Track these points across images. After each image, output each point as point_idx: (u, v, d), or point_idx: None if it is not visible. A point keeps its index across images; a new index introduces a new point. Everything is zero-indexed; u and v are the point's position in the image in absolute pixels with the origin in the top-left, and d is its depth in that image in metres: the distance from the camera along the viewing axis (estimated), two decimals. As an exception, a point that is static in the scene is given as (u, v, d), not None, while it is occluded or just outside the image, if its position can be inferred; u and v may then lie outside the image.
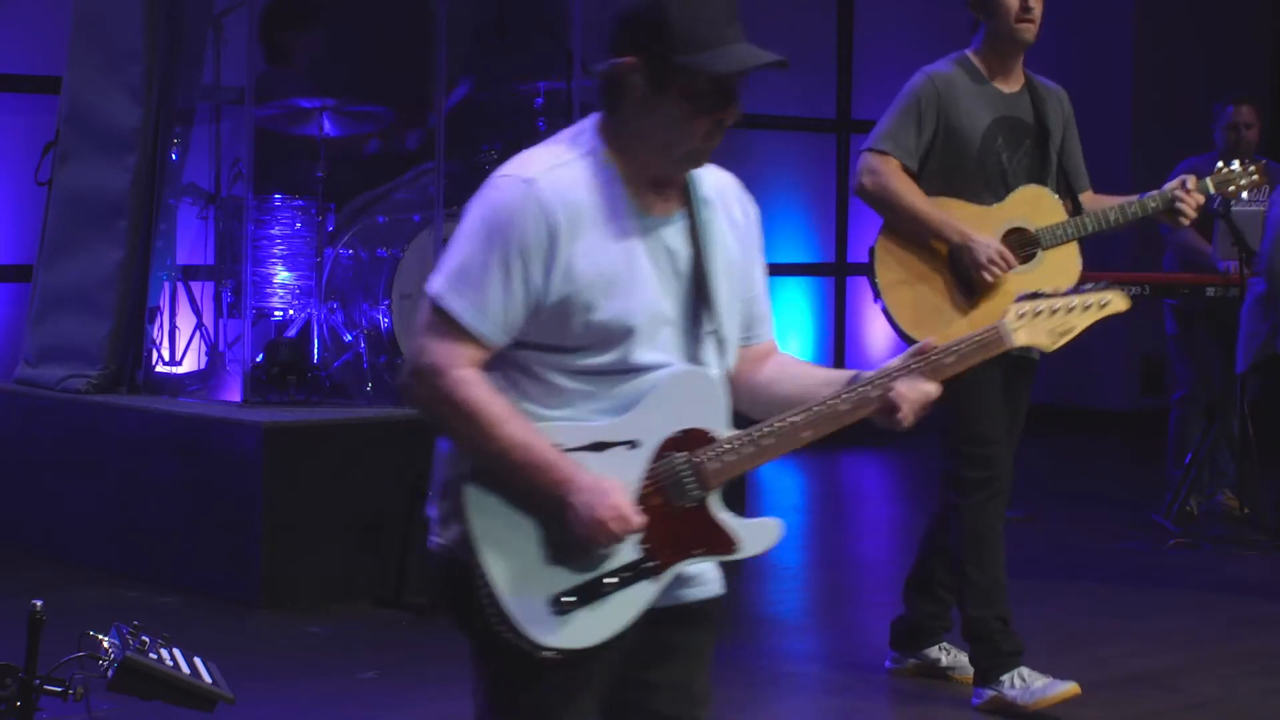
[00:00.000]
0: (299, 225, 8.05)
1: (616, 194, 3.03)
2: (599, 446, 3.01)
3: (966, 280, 5.54)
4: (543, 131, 8.42)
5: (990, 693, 5.66)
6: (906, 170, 5.61)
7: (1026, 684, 5.61)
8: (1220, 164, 5.92)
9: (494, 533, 2.99)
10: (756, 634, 7.00)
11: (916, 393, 3.15)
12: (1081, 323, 3.32)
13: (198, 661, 3.28)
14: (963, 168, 5.62)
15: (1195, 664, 6.35)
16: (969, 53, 5.76)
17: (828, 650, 6.84)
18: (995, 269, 5.49)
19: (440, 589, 3.12)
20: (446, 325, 2.98)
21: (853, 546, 9.14)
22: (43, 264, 8.44)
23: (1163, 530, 8.58)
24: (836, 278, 12.68)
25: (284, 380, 7.72)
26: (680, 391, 3.05)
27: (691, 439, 3.05)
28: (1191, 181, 5.69)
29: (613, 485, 2.97)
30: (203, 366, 8.37)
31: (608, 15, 3.09)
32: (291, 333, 8.12)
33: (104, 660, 3.14)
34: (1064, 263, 5.61)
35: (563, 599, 2.99)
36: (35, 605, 3.15)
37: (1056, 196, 5.68)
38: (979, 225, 5.55)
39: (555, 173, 3.00)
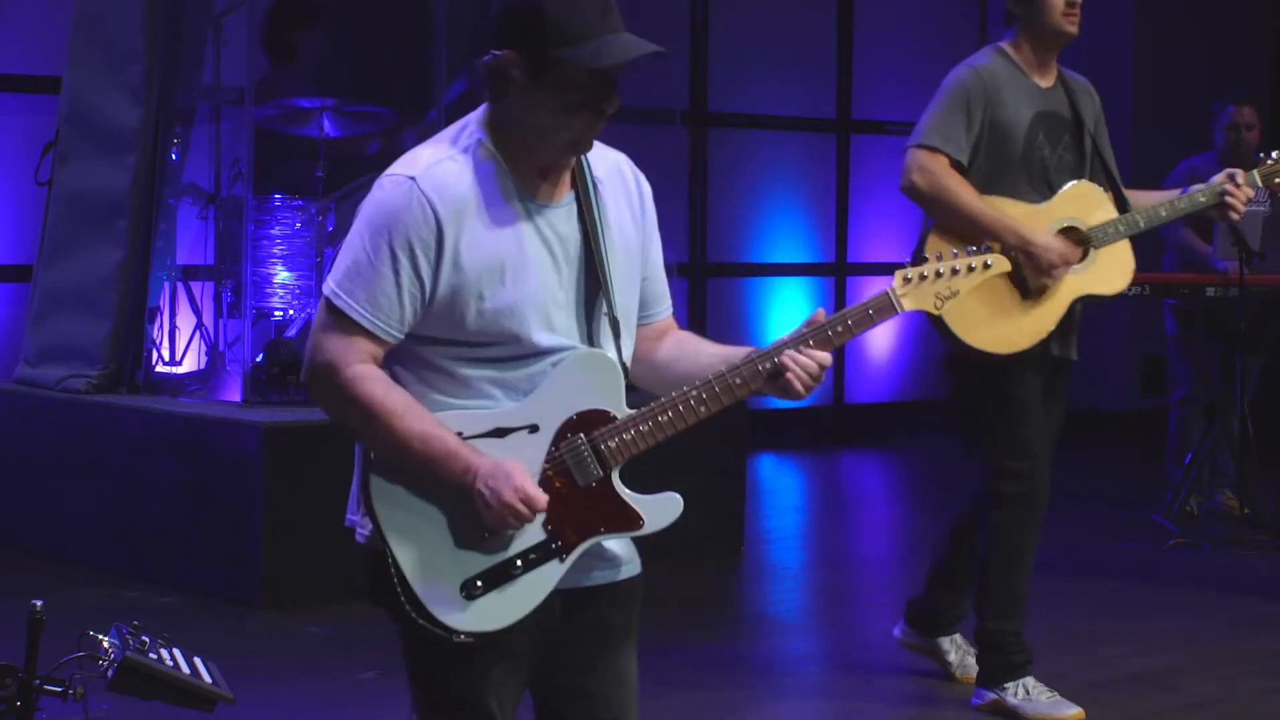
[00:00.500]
0: (299, 225, 8.05)
1: (502, 183, 3.09)
2: (500, 432, 3.09)
3: (1020, 281, 5.39)
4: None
5: (992, 695, 5.65)
6: (956, 166, 5.44)
7: (1030, 696, 5.59)
8: (1263, 155, 5.78)
9: (401, 522, 3.09)
10: (756, 634, 7.01)
11: (809, 360, 3.18)
12: (966, 285, 3.36)
13: (198, 661, 3.28)
14: (1007, 164, 5.48)
15: (1195, 664, 6.35)
16: (1004, 45, 5.60)
17: (828, 650, 6.84)
18: (1058, 273, 5.37)
19: (365, 579, 3.23)
20: (340, 322, 3.07)
21: (853, 546, 9.14)
22: (43, 264, 8.43)
23: (1163, 530, 8.58)
24: (836, 278, 12.68)
25: (284, 380, 7.72)
26: (577, 374, 3.12)
27: (590, 420, 3.12)
28: (1241, 175, 5.58)
29: (515, 467, 3.04)
30: (203, 366, 8.37)
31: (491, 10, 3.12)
32: (291, 333, 8.12)
33: (104, 660, 3.14)
34: (1118, 261, 5.50)
35: (473, 584, 3.08)
36: (35, 605, 3.15)
37: (1104, 193, 5.55)
38: (1031, 224, 5.41)
39: (438, 167, 3.07)
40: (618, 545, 3.24)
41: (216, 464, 7.28)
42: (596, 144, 3.20)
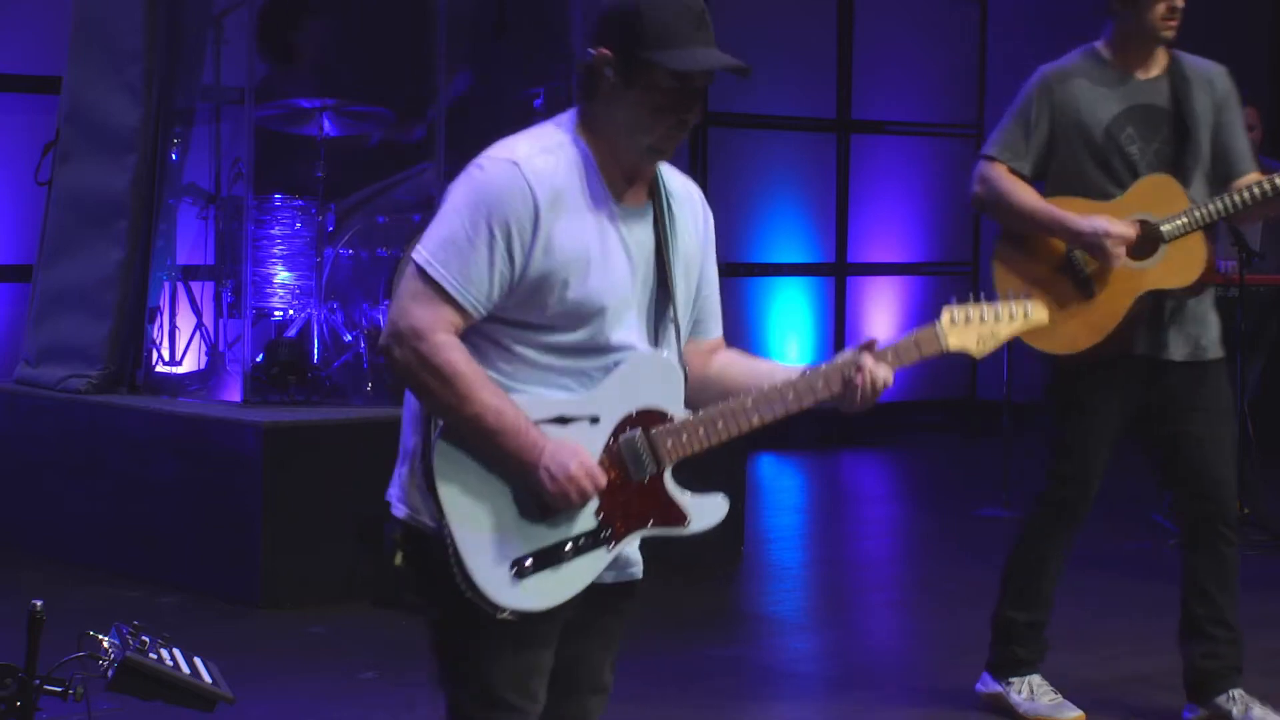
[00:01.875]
0: (299, 225, 8.05)
1: (593, 180, 3.22)
2: (563, 420, 3.20)
3: (1082, 282, 5.35)
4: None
5: (997, 687, 5.65)
6: (1015, 173, 5.43)
7: (1033, 695, 5.58)
8: None
9: (460, 496, 3.16)
10: (756, 634, 7.01)
11: (879, 375, 3.35)
12: (1006, 332, 3.51)
13: (198, 661, 3.28)
14: (1085, 162, 5.42)
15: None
16: (1099, 45, 5.55)
17: (828, 650, 6.84)
18: (1109, 245, 5.25)
19: (402, 555, 3.30)
20: (431, 291, 3.15)
21: (853, 546, 9.14)
22: (43, 264, 8.43)
23: (1163, 530, 8.58)
24: (836, 278, 12.68)
25: (284, 380, 7.71)
26: (642, 373, 3.25)
27: (649, 418, 3.24)
28: None
29: (578, 446, 3.17)
30: (203, 366, 8.37)
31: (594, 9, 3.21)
32: (291, 333, 8.11)
33: (104, 660, 3.14)
34: (1188, 256, 5.37)
35: (523, 562, 3.16)
36: (35, 605, 3.15)
37: (1181, 186, 5.39)
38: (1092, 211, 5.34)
39: (539, 157, 3.19)
40: (633, 547, 3.35)
41: (216, 464, 7.28)
42: (671, 169, 3.36)
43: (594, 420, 3.21)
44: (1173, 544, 8.37)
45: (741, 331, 11.93)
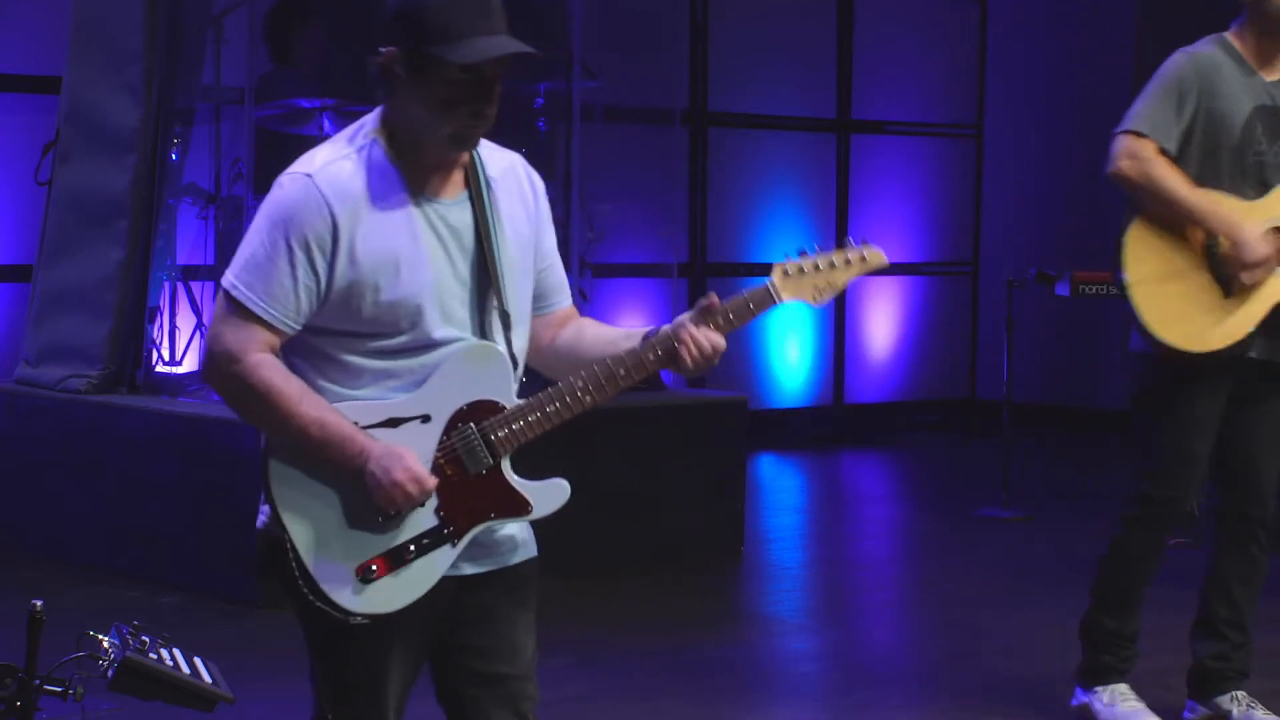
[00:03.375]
0: (299, 225, 8.04)
1: (395, 180, 3.22)
2: (393, 422, 3.20)
3: (1223, 278, 5.23)
4: (543, 131, 8.43)
5: (1085, 697, 5.55)
6: (1164, 154, 5.22)
7: (1114, 703, 5.49)
8: None
9: (298, 506, 3.20)
10: (756, 634, 7.01)
11: (703, 339, 3.29)
12: (842, 279, 3.49)
13: (198, 661, 3.28)
14: (1220, 156, 5.27)
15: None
16: (1228, 35, 5.41)
17: (828, 650, 6.84)
18: (1258, 274, 5.18)
19: (262, 564, 3.31)
20: (239, 313, 3.20)
21: (853, 546, 9.14)
22: (43, 264, 8.43)
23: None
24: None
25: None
26: (467, 365, 3.24)
27: (480, 410, 3.24)
28: None
29: (405, 450, 3.16)
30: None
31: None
32: (291, 333, 8.11)
33: (104, 660, 3.14)
34: None
35: (368, 567, 3.19)
36: (35, 605, 3.15)
37: None
38: (1242, 219, 5.21)
39: (333, 166, 3.20)
40: (513, 530, 3.36)
41: (216, 464, 7.28)
42: (493, 146, 3.35)
43: (425, 419, 3.21)
44: (1173, 544, 8.37)
45: (741, 331, 11.90)
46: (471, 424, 3.23)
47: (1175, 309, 5.24)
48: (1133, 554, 5.53)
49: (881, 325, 12.67)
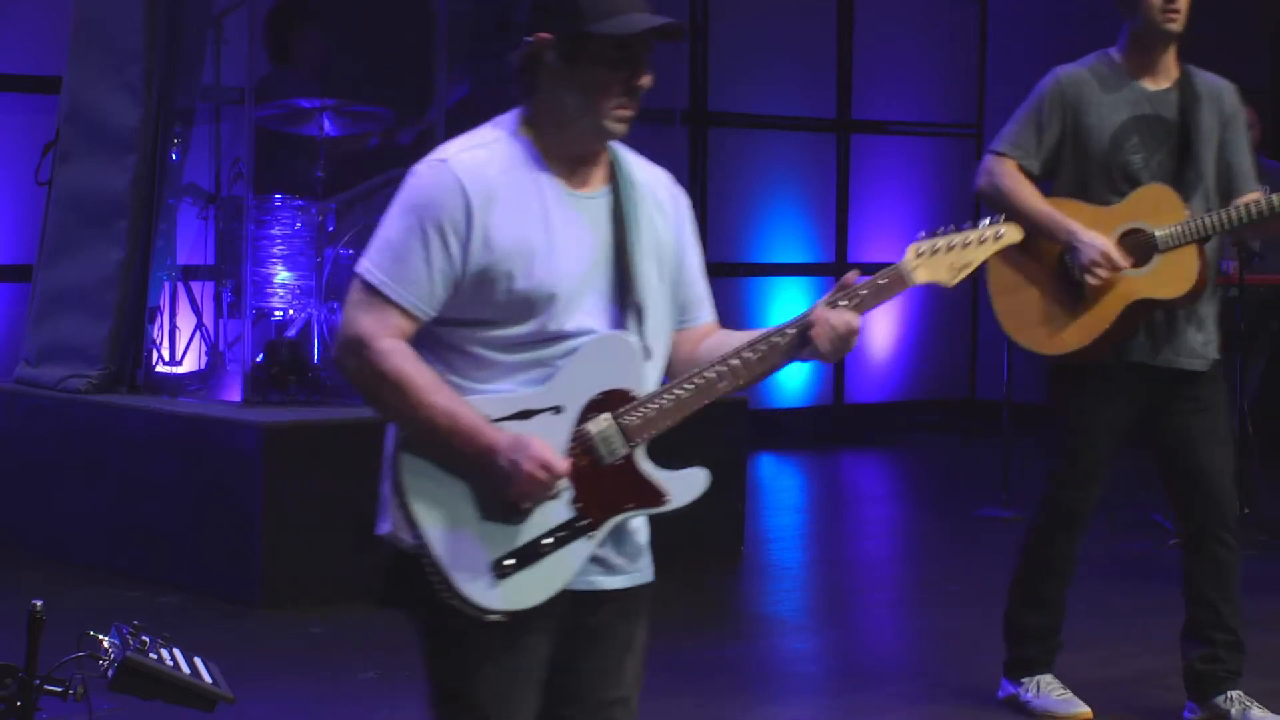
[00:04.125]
0: (299, 225, 8.05)
1: (535, 169, 3.20)
2: (525, 415, 3.14)
3: (1075, 284, 5.39)
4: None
5: (1013, 689, 5.69)
6: (1025, 171, 5.48)
7: (1042, 693, 5.61)
8: None
9: (432, 505, 3.12)
10: (756, 634, 7.01)
11: (837, 319, 3.25)
12: (978, 256, 3.40)
13: (198, 661, 3.28)
14: (1090, 168, 5.46)
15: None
16: (1111, 51, 5.60)
17: (828, 650, 6.84)
18: (1100, 271, 5.32)
19: (390, 578, 3.24)
20: (372, 298, 3.14)
21: (853, 546, 9.14)
22: (43, 264, 8.43)
23: (1163, 530, 8.57)
24: (836, 278, 12.63)
25: (284, 380, 7.71)
26: (599, 356, 3.19)
27: (613, 399, 3.18)
28: None
29: (533, 438, 3.09)
30: (203, 366, 8.37)
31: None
32: (292, 333, 8.12)
33: (104, 660, 3.14)
34: (1180, 266, 5.38)
35: (503, 562, 3.12)
36: (35, 605, 3.15)
37: (1180, 197, 5.42)
38: (1095, 226, 5.38)
39: (469, 152, 3.19)
40: (633, 550, 3.29)
41: (216, 464, 7.28)
42: (640, 159, 3.33)
43: (557, 410, 3.15)
44: (1173, 544, 8.37)
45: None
46: (605, 413, 3.17)
47: (1030, 315, 5.45)
48: (1047, 555, 5.64)
49: (881, 325, 12.67)
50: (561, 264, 3.16)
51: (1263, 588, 7.61)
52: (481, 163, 3.16)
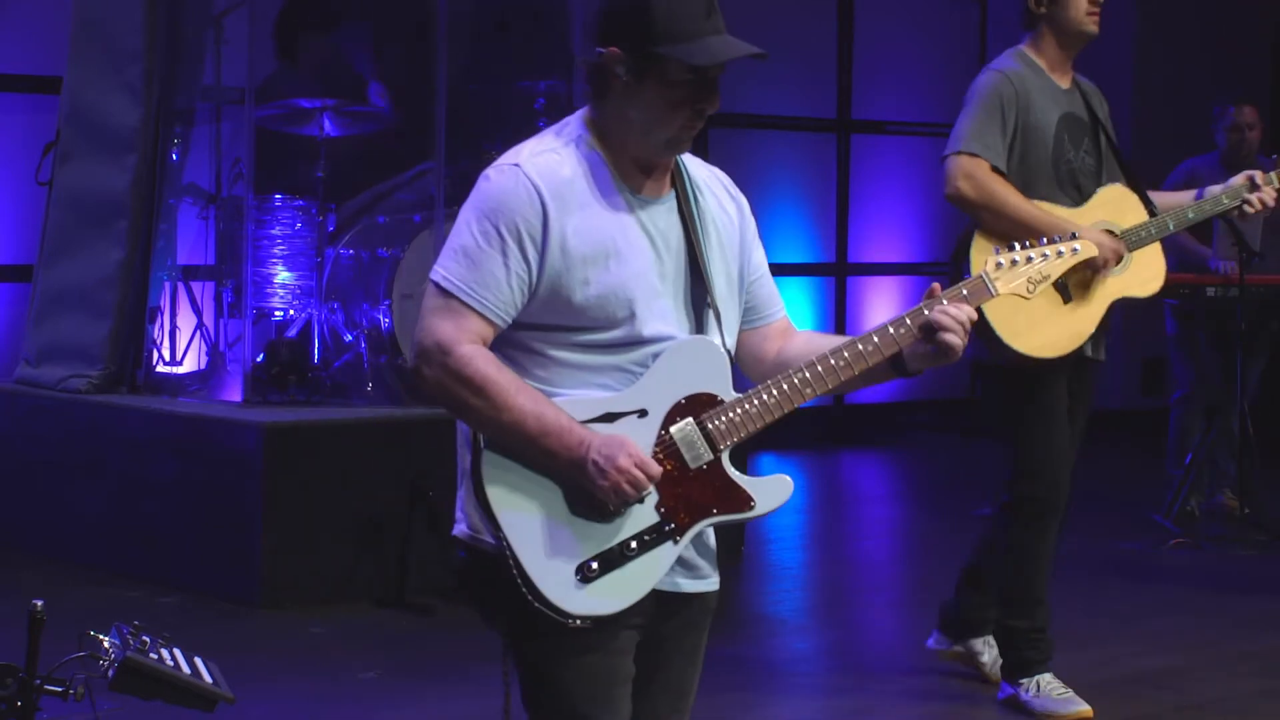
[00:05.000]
0: (299, 225, 8.05)
1: (605, 174, 3.16)
2: (609, 418, 3.11)
3: (1061, 286, 5.44)
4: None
5: (1011, 690, 5.71)
6: (995, 172, 5.48)
7: (1043, 692, 5.62)
8: (1276, 157, 5.84)
9: (515, 508, 3.07)
10: (756, 634, 7.00)
11: (957, 311, 3.20)
12: (1056, 270, 3.38)
13: (198, 661, 3.28)
14: (1038, 168, 5.51)
15: (1195, 664, 6.35)
16: (1024, 49, 5.63)
17: (828, 650, 6.84)
18: (1110, 268, 5.43)
19: (464, 576, 3.19)
20: (450, 304, 3.09)
21: (853, 546, 9.15)
22: (43, 264, 8.43)
23: (1163, 530, 8.58)
24: (836, 278, 12.68)
25: (284, 380, 7.71)
26: (684, 359, 3.16)
27: (698, 403, 3.15)
28: (1260, 176, 5.63)
29: (626, 438, 3.06)
30: (203, 366, 8.37)
31: (594, 7, 3.19)
32: (292, 333, 8.12)
33: (104, 660, 3.14)
34: (1150, 264, 5.57)
35: (589, 566, 3.07)
36: (35, 605, 3.15)
37: (1136, 196, 5.58)
38: (1077, 225, 5.42)
39: (541, 156, 3.14)
40: (709, 554, 3.26)
41: (216, 464, 7.28)
42: (694, 159, 3.32)
43: (641, 414, 3.12)
44: (1173, 544, 8.39)
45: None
46: (690, 417, 3.13)
47: (1023, 319, 5.40)
48: (1030, 553, 5.67)
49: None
50: (636, 268, 3.13)
51: (1263, 588, 7.62)
52: (554, 166, 3.12)
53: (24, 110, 9.25)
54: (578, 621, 3.07)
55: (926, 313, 3.20)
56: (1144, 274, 5.55)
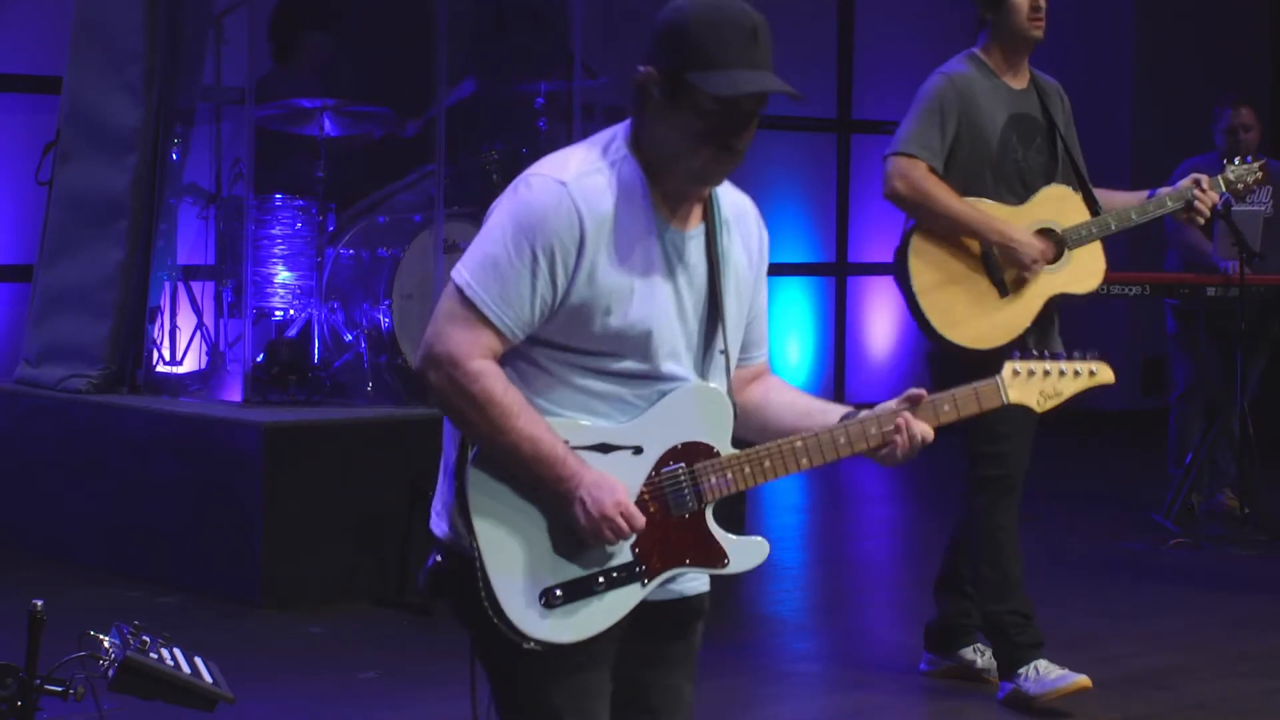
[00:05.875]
0: (299, 225, 8.05)
1: (642, 204, 3.10)
2: (605, 448, 3.10)
3: (998, 280, 5.61)
4: (543, 131, 8.43)
5: (1011, 686, 5.71)
6: (933, 172, 5.65)
7: (1040, 676, 5.64)
8: (1226, 161, 6.02)
9: (493, 523, 3.06)
10: (756, 634, 7.00)
11: (917, 432, 3.22)
12: (1069, 390, 3.43)
13: (198, 661, 3.28)
14: (982, 167, 5.66)
15: (1195, 664, 6.35)
16: (977, 51, 5.79)
17: (828, 650, 6.84)
18: (1036, 268, 5.58)
19: (437, 575, 3.19)
20: (469, 314, 3.04)
21: (853, 546, 9.15)
22: (43, 264, 8.43)
23: (1163, 530, 8.58)
24: (836, 278, 12.68)
25: (284, 380, 7.71)
26: (689, 405, 3.14)
27: (694, 452, 3.14)
28: (1206, 180, 5.77)
29: (618, 484, 3.05)
30: (203, 366, 8.37)
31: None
32: (292, 333, 8.12)
33: (104, 660, 3.14)
34: (1089, 263, 5.70)
35: (554, 592, 3.07)
36: (35, 605, 3.16)
37: (1080, 196, 5.71)
38: (1012, 223, 5.61)
39: (589, 178, 3.07)
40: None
41: (216, 464, 7.28)
42: (729, 185, 3.25)
43: (637, 450, 3.11)
44: (1173, 543, 8.39)
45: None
46: (683, 464, 3.13)
47: (959, 312, 5.61)
48: (994, 536, 5.76)
49: (881, 325, 12.66)
50: (657, 304, 3.10)
51: (1263, 588, 7.62)
52: (600, 191, 3.06)
53: (24, 110, 9.25)
54: (532, 644, 3.07)
55: (900, 417, 3.20)
56: (1082, 272, 5.68)
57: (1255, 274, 8.33)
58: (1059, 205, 5.68)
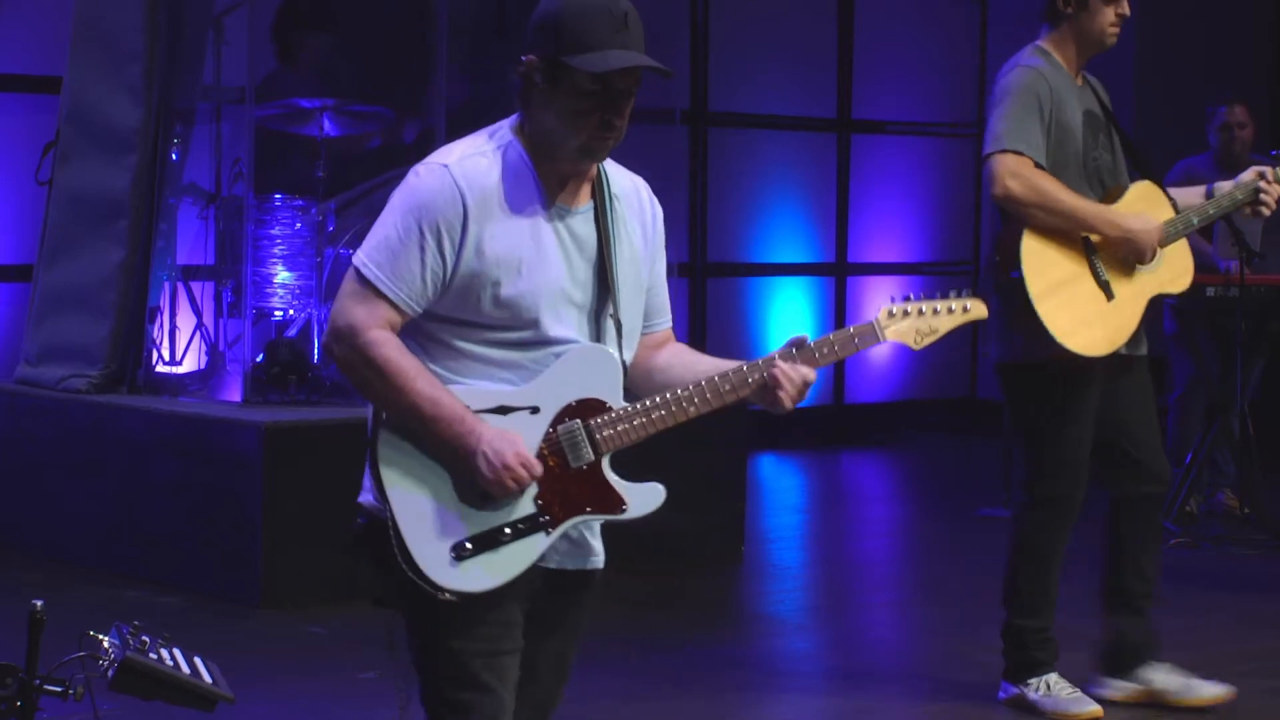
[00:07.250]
0: (299, 225, 8.05)
1: (528, 182, 3.36)
2: (503, 410, 3.33)
3: (1103, 283, 5.43)
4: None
5: (1016, 690, 5.66)
6: (1040, 169, 5.40)
7: (1052, 692, 5.58)
8: (1277, 153, 5.87)
9: (403, 481, 3.32)
10: (756, 634, 7.01)
11: (797, 375, 3.42)
12: (944, 326, 3.60)
13: (198, 661, 3.28)
14: (1069, 164, 5.46)
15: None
16: (1044, 44, 5.59)
17: (828, 650, 6.84)
18: (1151, 259, 5.44)
19: (356, 539, 3.45)
20: (365, 290, 3.32)
21: (853, 546, 9.14)
22: (43, 264, 8.43)
23: (1163, 530, 8.57)
24: (836, 278, 12.67)
25: (284, 380, 7.71)
26: (581, 365, 3.37)
27: (588, 408, 3.37)
28: (1270, 171, 5.63)
29: (516, 435, 3.30)
30: (203, 366, 8.37)
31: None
32: (292, 333, 8.12)
33: (104, 660, 3.14)
34: (1180, 260, 5.59)
35: (463, 545, 3.30)
36: (35, 605, 3.16)
37: (1162, 192, 5.58)
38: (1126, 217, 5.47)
39: (470, 160, 3.36)
40: (593, 537, 3.47)
41: (216, 464, 7.28)
42: (619, 167, 3.51)
43: (534, 410, 3.33)
44: (1173, 543, 8.39)
45: (742, 331, 11.92)
46: (578, 419, 3.35)
47: (1072, 318, 5.40)
48: (1045, 554, 5.66)
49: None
50: (547, 276, 3.33)
51: (1263, 588, 7.62)
52: (482, 171, 3.33)
53: (24, 110, 9.25)
54: (446, 595, 3.29)
55: (772, 365, 3.40)
56: (1176, 270, 5.57)
57: (1255, 274, 8.33)
58: (1149, 202, 5.52)
